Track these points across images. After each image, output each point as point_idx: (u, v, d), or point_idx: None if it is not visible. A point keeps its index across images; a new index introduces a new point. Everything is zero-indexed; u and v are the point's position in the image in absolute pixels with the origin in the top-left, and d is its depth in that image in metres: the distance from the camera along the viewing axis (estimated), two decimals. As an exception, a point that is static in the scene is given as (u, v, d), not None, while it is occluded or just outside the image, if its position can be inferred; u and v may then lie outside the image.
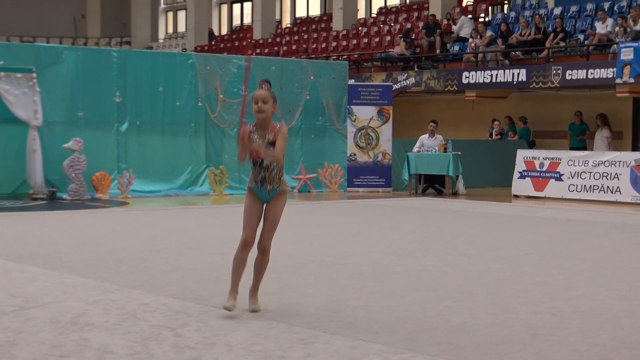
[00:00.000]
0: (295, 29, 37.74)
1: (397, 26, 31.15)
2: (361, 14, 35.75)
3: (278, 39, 36.10)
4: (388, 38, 30.61)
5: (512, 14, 28.04)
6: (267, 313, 6.94)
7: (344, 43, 32.12)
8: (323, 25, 35.97)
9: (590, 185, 19.59)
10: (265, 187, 6.79)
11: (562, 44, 23.95)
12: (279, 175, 6.84)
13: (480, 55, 25.54)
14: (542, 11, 26.53)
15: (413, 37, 28.61)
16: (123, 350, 5.72)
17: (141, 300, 7.48)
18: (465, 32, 27.34)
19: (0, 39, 36.17)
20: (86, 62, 19.24)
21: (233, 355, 5.64)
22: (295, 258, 10.19)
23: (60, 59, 18.85)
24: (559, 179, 20.17)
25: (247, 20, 41.25)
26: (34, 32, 41.63)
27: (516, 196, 20.70)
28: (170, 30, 46.16)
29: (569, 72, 22.67)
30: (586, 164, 19.73)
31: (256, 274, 7.04)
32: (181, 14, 44.61)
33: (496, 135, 25.05)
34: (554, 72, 23.02)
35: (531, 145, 24.23)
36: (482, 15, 30.47)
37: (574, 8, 25.75)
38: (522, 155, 21.05)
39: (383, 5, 36.35)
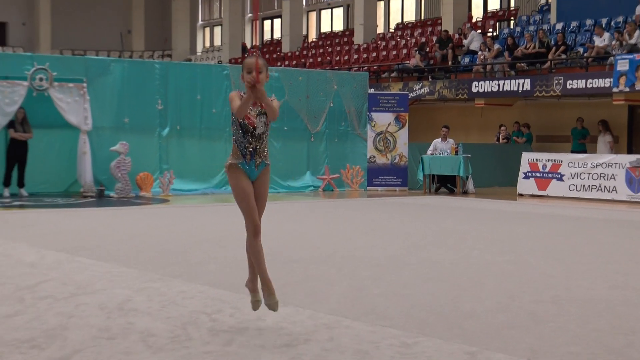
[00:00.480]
0: (320, 42, 37.77)
1: (413, 40, 31.12)
2: (380, 29, 35.71)
3: (305, 52, 36.12)
4: (404, 51, 30.58)
5: (518, 29, 27.93)
6: (295, 300, 6.94)
7: (365, 55, 32.12)
8: (345, 39, 35.99)
9: (589, 185, 19.53)
10: (255, 161, 5.88)
11: (563, 56, 23.85)
12: (266, 148, 6.00)
13: (488, 67, 25.45)
14: (545, 26, 26.42)
15: (427, 50, 28.60)
16: (164, 334, 5.76)
17: (180, 288, 7.52)
18: (474, 46, 27.29)
19: (54, 52, 36.44)
20: (131, 73, 19.33)
21: (263, 339, 5.66)
22: (320, 250, 10.21)
23: (108, 70, 18.95)
24: (560, 179, 20.12)
25: (277, 35, 41.29)
26: (84, 46, 41.84)
27: (521, 195, 20.64)
28: (207, 44, 46.26)
29: (569, 81, 22.58)
30: (585, 166, 19.68)
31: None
32: (217, 30, 44.70)
33: (503, 139, 24.96)
34: (556, 81, 22.93)
35: (530, 149, 24.19)
36: (491, 30, 30.40)
37: (574, 23, 25.64)
38: (527, 157, 21.00)
39: (400, 21, 36.31)
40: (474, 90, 24.95)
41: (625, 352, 5.46)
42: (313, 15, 40.65)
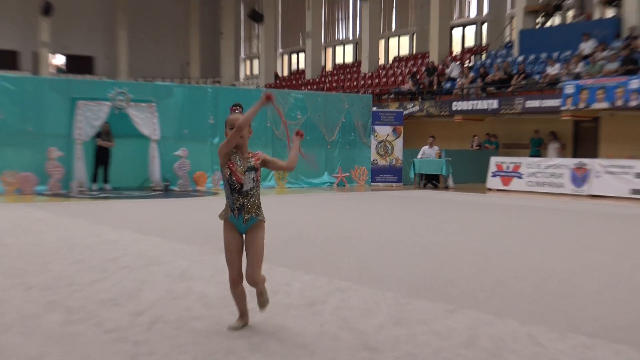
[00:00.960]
0: (335, 71, 37.73)
1: (407, 70, 31.09)
2: (381, 61, 35.67)
3: (323, 79, 36.13)
4: (400, 78, 30.56)
5: (488, 61, 27.86)
6: (314, 270, 7.00)
7: (369, 81, 32.12)
8: (354, 69, 35.95)
9: (542, 182, 19.51)
10: (243, 216, 4.65)
11: (523, 82, 23.79)
12: (257, 204, 4.71)
13: (465, 90, 25.43)
14: (509, 59, 26.35)
15: (418, 77, 28.57)
16: (216, 295, 5.83)
17: (228, 260, 7.59)
18: (454, 74, 27.24)
19: (130, 79, 36.61)
20: (190, 95, 19.45)
21: (291, 299, 5.72)
22: (334, 232, 10.25)
23: (172, 93, 19.08)
24: (520, 177, 20.10)
25: (302, 65, 41.25)
26: (153, 74, 42.04)
27: (489, 189, 20.61)
28: (248, 72, 46.31)
29: (528, 102, 22.55)
30: (539, 167, 19.68)
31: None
32: (255, 62, 44.74)
33: (476, 146, 24.96)
34: (517, 102, 22.88)
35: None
36: (467, 61, 30.30)
37: (532, 56, 25.54)
38: (494, 160, 21.00)
39: (397, 55, 36.23)
40: (454, 108, 24.96)
41: (568, 309, 5.50)
42: (330, 50, 40.60)
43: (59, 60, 42.42)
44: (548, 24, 27.06)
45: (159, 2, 44.35)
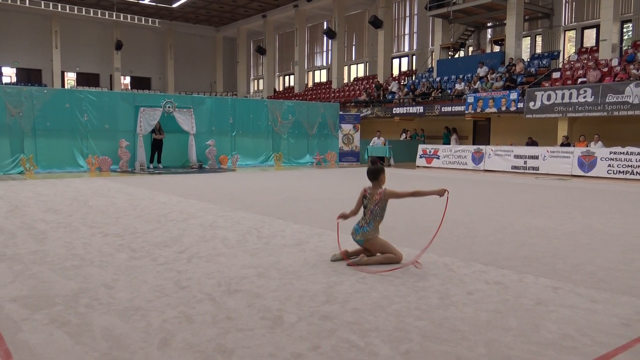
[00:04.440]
0: (314, 87, 37.39)
1: (362, 86, 30.86)
2: (345, 81, 35.38)
3: (306, 93, 35.78)
4: (358, 92, 30.34)
5: (417, 80, 27.74)
6: (301, 221, 6.88)
7: (337, 94, 31.85)
8: (327, 86, 35.62)
9: (452, 161, 19.54)
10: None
11: (440, 94, 23.74)
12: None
13: (401, 100, 25.33)
14: (430, 79, 26.26)
15: (370, 91, 28.40)
16: (234, 239, 5.74)
17: (242, 215, 7.48)
18: (394, 89, 27.09)
19: (175, 93, 35.99)
20: (216, 104, 19.13)
21: (285, 241, 5.63)
22: (314, 195, 10.17)
23: (204, 102, 18.75)
24: (438, 158, 20.11)
25: (292, 83, 40.81)
26: (191, 89, 41.53)
27: (418, 166, 20.62)
28: (255, 88, 45.72)
29: (443, 108, 22.53)
30: (451, 151, 19.68)
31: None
32: (261, 81, 44.19)
33: (408, 138, 24.95)
34: (436, 108, 22.86)
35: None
36: (403, 81, 30.13)
37: (445, 77, 25.48)
38: (421, 147, 20.97)
39: (356, 76, 35.96)
40: (394, 112, 24.88)
41: (470, 246, 5.46)
42: (311, 73, 40.15)
43: (127, 80, 41.67)
44: (456, 55, 26.98)
45: (195, 40, 43.63)
